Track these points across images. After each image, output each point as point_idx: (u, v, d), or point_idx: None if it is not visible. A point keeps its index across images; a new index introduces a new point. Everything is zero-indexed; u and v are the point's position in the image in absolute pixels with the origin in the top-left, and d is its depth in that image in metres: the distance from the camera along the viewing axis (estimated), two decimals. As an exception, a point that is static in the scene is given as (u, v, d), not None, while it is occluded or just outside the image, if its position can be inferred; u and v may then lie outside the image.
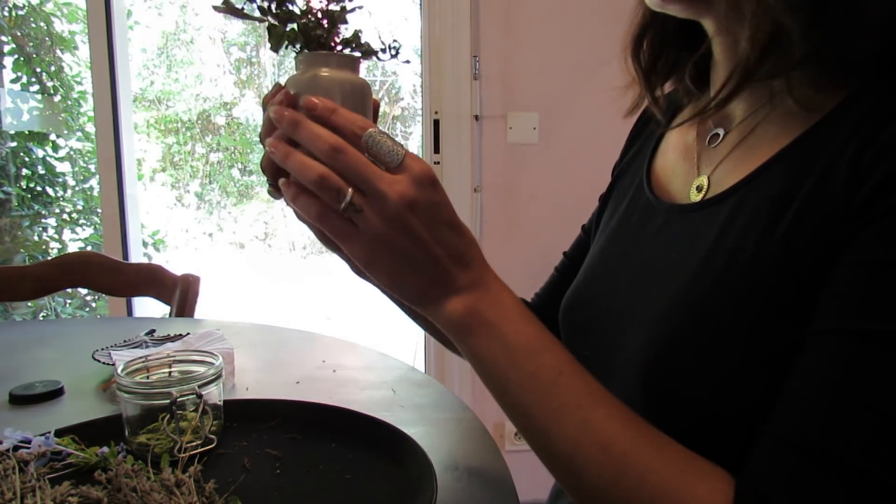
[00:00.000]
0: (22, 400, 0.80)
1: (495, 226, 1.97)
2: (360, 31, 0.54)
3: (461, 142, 1.92)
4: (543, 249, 2.22)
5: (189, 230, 4.43)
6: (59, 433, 0.63)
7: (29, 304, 3.05)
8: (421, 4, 1.91)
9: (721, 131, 0.60)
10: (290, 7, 0.51)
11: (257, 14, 0.52)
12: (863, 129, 0.44)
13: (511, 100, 1.92)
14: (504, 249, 1.97)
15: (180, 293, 1.38)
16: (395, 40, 0.55)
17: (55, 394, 0.82)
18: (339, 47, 0.53)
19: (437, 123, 1.93)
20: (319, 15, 0.52)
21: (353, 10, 0.52)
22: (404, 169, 0.46)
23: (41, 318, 3.10)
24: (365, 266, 0.48)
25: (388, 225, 0.45)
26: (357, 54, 0.53)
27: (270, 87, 0.51)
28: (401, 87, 3.92)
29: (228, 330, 0.98)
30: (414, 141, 3.82)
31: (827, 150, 0.46)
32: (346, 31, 0.53)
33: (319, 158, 0.45)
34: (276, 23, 0.51)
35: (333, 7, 0.52)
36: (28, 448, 0.59)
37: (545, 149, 1.93)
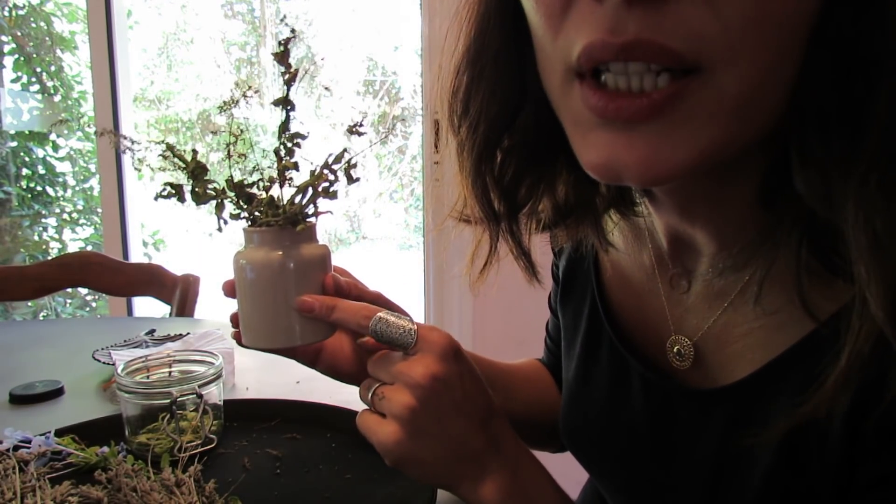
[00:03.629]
0: (22, 400, 0.80)
1: (495, 226, 1.96)
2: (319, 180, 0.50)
3: (461, 142, 1.91)
4: (543, 249, 2.21)
5: (189, 230, 4.43)
6: (59, 433, 0.63)
7: (29, 304, 3.05)
8: (421, 4, 1.91)
9: (683, 274, 0.49)
10: (249, 191, 0.50)
11: (211, 193, 0.50)
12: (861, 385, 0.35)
13: (511, 100, 1.91)
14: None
15: (180, 293, 1.38)
16: (351, 163, 0.49)
17: (55, 394, 0.82)
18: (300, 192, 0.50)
19: (437, 123, 1.93)
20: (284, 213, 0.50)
21: (290, 181, 0.50)
22: (422, 346, 0.45)
23: (41, 318, 3.10)
24: (394, 460, 0.45)
25: (416, 411, 0.44)
26: (313, 221, 0.50)
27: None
28: (401, 88, 3.92)
29: (228, 330, 0.98)
30: (414, 141, 3.83)
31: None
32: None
33: None
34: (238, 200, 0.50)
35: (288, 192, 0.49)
36: (28, 448, 0.59)
37: (545, 149, 1.92)
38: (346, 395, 0.80)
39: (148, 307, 2.06)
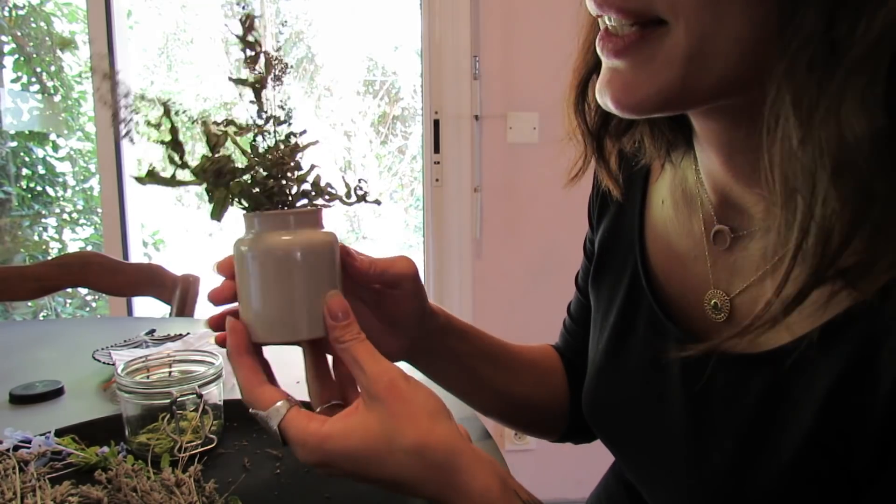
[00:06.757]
0: (22, 400, 0.80)
1: (495, 226, 1.97)
2: (319, 173, 0.47)
3: (461, 142, 1.92)
4: (543, 249, 2.22)
5: (189, 230, 4.43)
6: (60, 433, 0.63)
7: (29, 304, 3.05)
8: (421, 4, 1.91)
9: (726, 230, 0.50)
10: (233, 164, 0.46)
11: (189, 177, 0.47)
12: None
13: (511, 100, 1.92)
14: (504, 249, 1.97)
15: (180, 293, 1.38)
16: (360, 180, 0.49)
17: (55, 394, 0.82)
18: (295, 195, 0.47)
19: (437, 123, 1.93)
20: (268, 164, 0.46)
21: (306, 146, 0.47)
22: (290, 445, 0.46)
23: (41, 318, 3.10)
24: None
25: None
26: (319, 204, 0.47)
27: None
28: (401, 87, 3.92)
29: (228, 330, 0.98)
30: (414, 141, 3.83)
31: (875, 336, 0.38)
32: (305, 172, 0.47)
33: None
34: (214, 185, 0.45)
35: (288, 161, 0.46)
36: (28, 448, 0.59)
37: (545, 149, 1.93)
38: (346, 395, 0.80)
39: (148, 307, 2.06)
